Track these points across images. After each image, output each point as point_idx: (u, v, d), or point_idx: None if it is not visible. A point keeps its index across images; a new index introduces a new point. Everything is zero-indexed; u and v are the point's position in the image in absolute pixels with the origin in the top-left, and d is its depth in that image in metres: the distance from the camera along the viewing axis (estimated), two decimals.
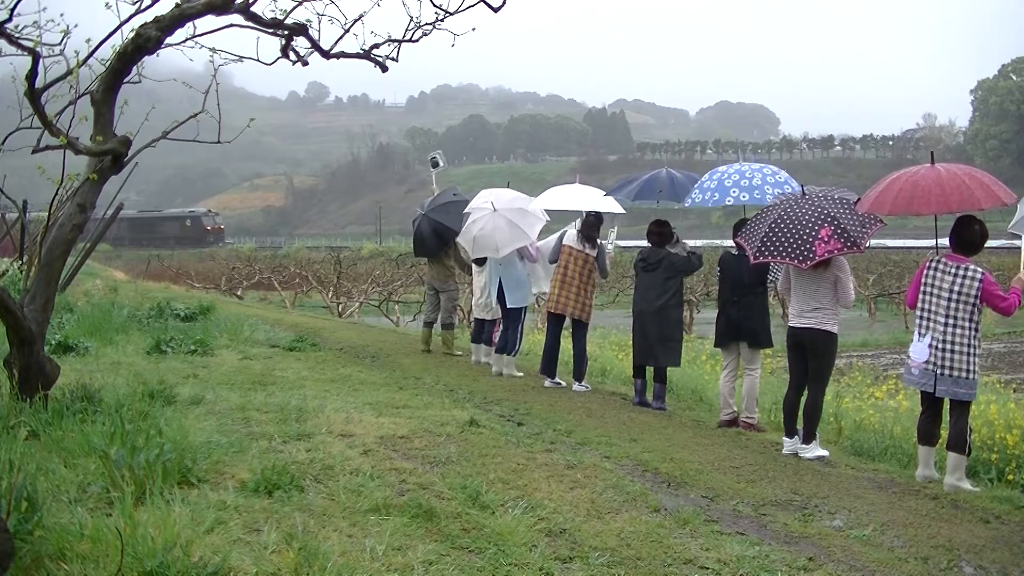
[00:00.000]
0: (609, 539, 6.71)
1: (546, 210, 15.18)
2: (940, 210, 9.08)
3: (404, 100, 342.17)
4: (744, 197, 11.56)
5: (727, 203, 11.75)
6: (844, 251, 9.98)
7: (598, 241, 14.18)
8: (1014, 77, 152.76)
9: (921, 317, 9.31)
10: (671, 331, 13.11)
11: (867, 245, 10.14)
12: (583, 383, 14.24)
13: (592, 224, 14.17)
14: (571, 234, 14.27)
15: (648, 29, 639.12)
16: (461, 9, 8.97)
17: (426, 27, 9.15)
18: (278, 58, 9.10)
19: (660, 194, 13.65)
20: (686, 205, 13.09)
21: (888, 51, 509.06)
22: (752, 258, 10.40)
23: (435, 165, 18.59)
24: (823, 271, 10.29)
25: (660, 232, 13.27)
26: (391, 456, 8.42)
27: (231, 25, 8.73)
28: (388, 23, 9.15)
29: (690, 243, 13.79)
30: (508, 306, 15.12)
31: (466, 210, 15.73)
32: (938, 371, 9.10)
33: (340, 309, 35.49)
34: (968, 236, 9.18)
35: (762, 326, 11.97)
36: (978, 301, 9.09)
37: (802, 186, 11.06)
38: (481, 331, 16.57)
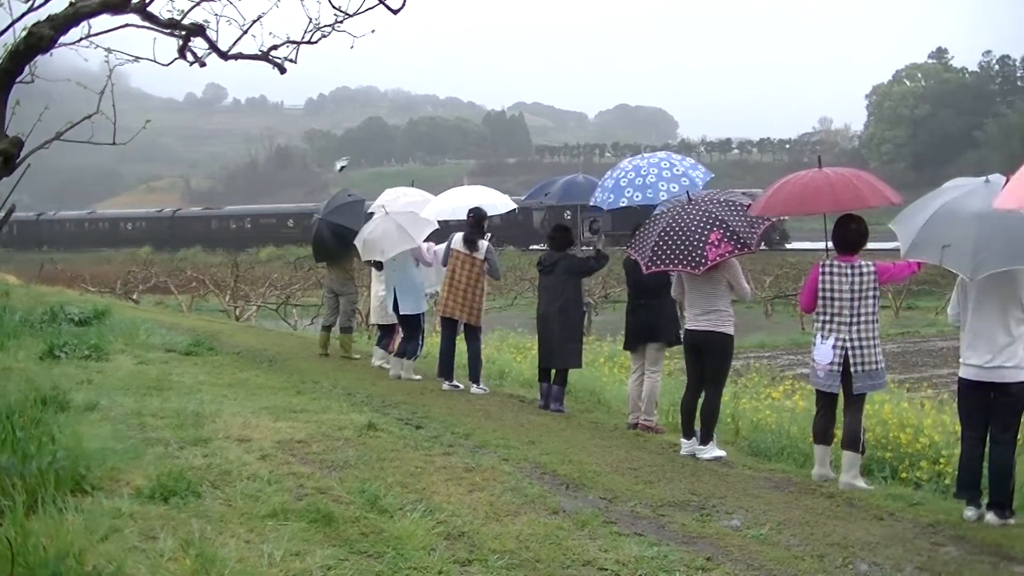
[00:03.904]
0: (508, 542, 6.72)
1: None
2: (831, 208, 9.32)
3: (303, 102, 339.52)
4: (637, 197, 11.51)
5: (621, 204, 11.70)
6: (736, 253, 10.11)
7: (484, 243, 14.19)
8: (907, 83, 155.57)
9: (823, 320, 9.42)
10: (571, 333, 13.15)
11: (757, 245, 10.26)
12: (480, 385, 14.24)
13: (474, 225, 14.16)
14: (458, 237, 14.27)
15: (547, 32, 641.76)
16: (360, 11, 8.91)
17: (325, 29, 9.07)
18: (175, 59, 8.98)
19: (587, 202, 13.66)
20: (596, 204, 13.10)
21: (785, 55, 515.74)
22: (645, 268, 10.46)
23: (341, 170, 18.49)
24: (714, 274, 10.37)
25: (556, 237, 13.35)
26: (289, 461, 8.37)
27: (127, 25, 8.60)
28: (287, 24, 9.08)
29: None
30: (401, 313, 15.11)
31: (370, 209, 15.73)
32: (853, 369, 9.23)
33: (238, 313, 35.15)
34: (847, 234, 9.36)
35: (671, 325, 12.04)
36: (877, 294, 9.29)
37: (687, 192, 11.11)
38: (384, 336, 16.51)
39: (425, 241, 15.03)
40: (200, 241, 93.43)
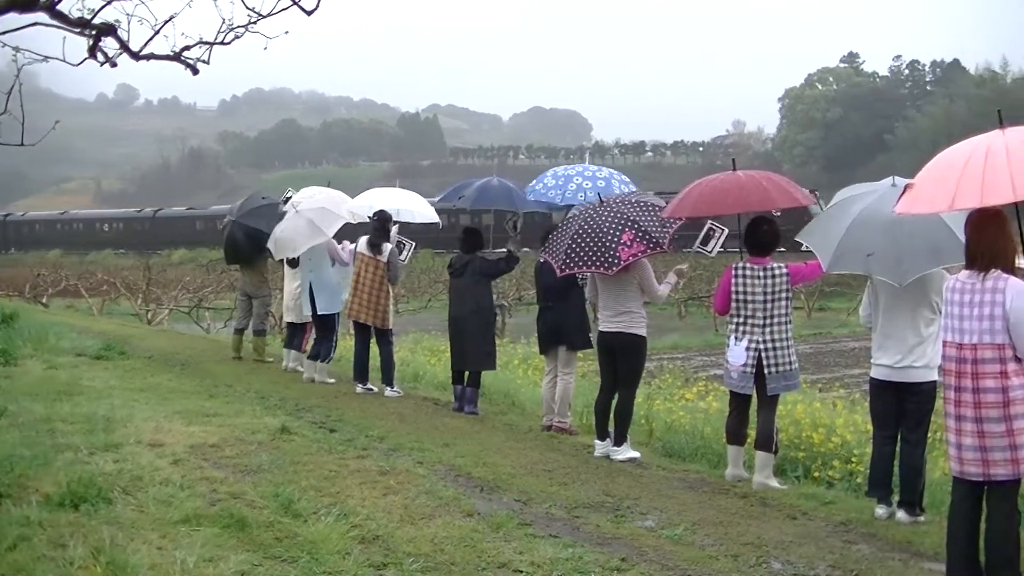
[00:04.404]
0: (423, 545, 6.71)
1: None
2: (739, 209, 9.39)
3: (216, 103, 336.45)
4: (558, 198, 11.57)
5: (579, 198, 11.73)
6: (648, 252, 10.15)
7: (388, 245, 14.13)
8: (820, 86, 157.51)
9: (736, 322, 9.49)
10: (483, 335, 13.15)
11: (669, 244, 10.32)
12: (394, 388, 14.19)
13: (378, 229, 14.13)
14: (363, 240, 14.22)
15: (462, 34, 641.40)
16: (274, 12, 8.84)
17: (238, 29, 8.99)
18: (85, 59, 8.86)
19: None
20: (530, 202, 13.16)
21: (700, 58, 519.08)
22: (559, 272, 10.47)
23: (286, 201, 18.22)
24: (626, 275, 10.41)
25: (466, 239, 13.35)
26: (202, 465, 8.30)
27: (36, 24, 8.49)
28: (200, 25, 8.99)
29: None
30: (318, 312, 15.02)
31: (285, 208, 15.63)
32: (767, 370, 9.31)
33: (149, 316, 34.77)
34: (758, 236, 9.44)
35: (579, 329, 12.06)
36: (790, 295, 9.39)
37: (599, 194, 11.17)
38: (293, 336, 16.41)
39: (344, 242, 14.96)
40: (184, 243, 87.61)
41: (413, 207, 14.95)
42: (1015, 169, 5.65)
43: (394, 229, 14.33)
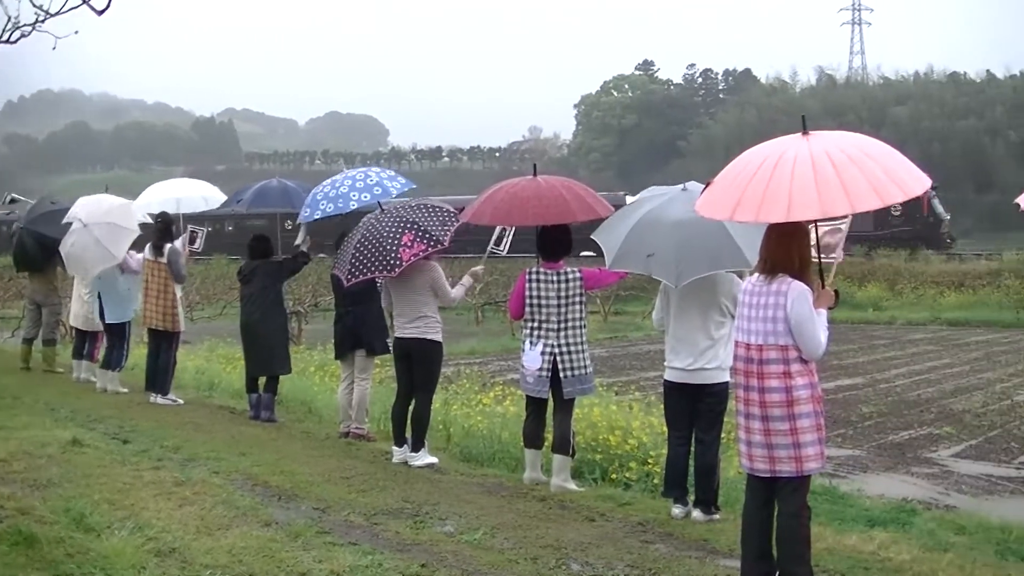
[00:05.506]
0: (220, 556, 6.63)
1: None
2: (537, 222, 9.47)
3: (1, 105, 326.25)
4: (330, 208, 11.46)
5: (316, 217, 11.62)
6: (429, 251, 10.22)
7: (168, 246, 13.89)
8: (615, 93, 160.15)
9: (531, 327, 9.57)
10: (276, 339, 13.09)
11: (449, 241, 10.40)
12: (169, 395, 13.98)
13: (160, 231, 13.94)
14: (148, 245, 13.98)
15: (255, 35, 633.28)
16: (63, 11, 8.63)
17: (25, 28, 8.76)
18: None
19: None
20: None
21: (496, 64, 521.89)
22: (346, 281, 10.46)
23: (13, 201, 17.67)
24: (418, 280, 10.45)
25: (254, 246, 13.26)
26: None
27: None
28: None
29: None
30: (107, 322, 14.69)
31: (65, 219, 15.12)
32: (562, 374, 9.41)
33: None
34: (552, 242, 9.56)
35: (378, 333, 12.04)
36: (584, 300, 9.51)
37: (379, 203, 11.16)
38: (83, 345, 16.02)
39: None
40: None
41: (197, 195, 14.79)
42: (821, 186, 5.77)
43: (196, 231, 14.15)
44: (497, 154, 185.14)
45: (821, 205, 5.73)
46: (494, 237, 10.82)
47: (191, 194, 14.92)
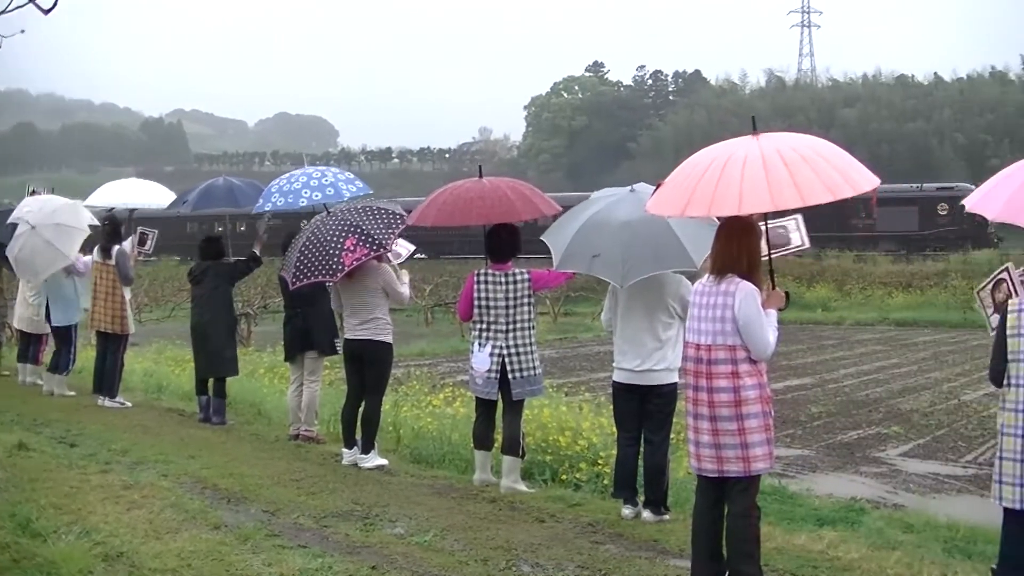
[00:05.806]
0: (169, 560, 6.59)
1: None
2: (482, 221, 9.50)
3: None
4: (280, 202, 11.43)
5: (266, 208, 11.58)
6: (372, 255, 10.18)
7: (116, 247, 13.79)
8: (565, 94, 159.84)
9: (480, 328, 9.56)
10: (225, 340, 13.04)
11: (393, 244, 10.41)
12: (117, 398, 13.87)
13: (109, 233, 13.87)
14: (97, 247, 13.89)
15: (204, 37, 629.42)
16: (8, 9, 8.56)
17: None
18: None
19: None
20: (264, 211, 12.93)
21: (446, 65, 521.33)
22: (291, 284, 10.44)
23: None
24: (370, 282, 10.44)
25: (204, 247, 13.22)
26: None
27: None
28: None
29: None
30: (54, 324, 14.59)
31: (10, 220, 14.94)
32: (511, 375, 9.41)
33: None
34: (499, 243, 9.57)
35: (327, 334, 12.00)
36: (532, 301, 9.53)
37: (326, 206, 11.12)
38: (27, 348, 15.87)
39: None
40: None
41: (149, 196, 14.71)
42: (772, 182, 5.81)
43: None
44: (447, 155, 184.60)
45: (772, 198, 5.76)
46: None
47: (142, 195, 14.81)
